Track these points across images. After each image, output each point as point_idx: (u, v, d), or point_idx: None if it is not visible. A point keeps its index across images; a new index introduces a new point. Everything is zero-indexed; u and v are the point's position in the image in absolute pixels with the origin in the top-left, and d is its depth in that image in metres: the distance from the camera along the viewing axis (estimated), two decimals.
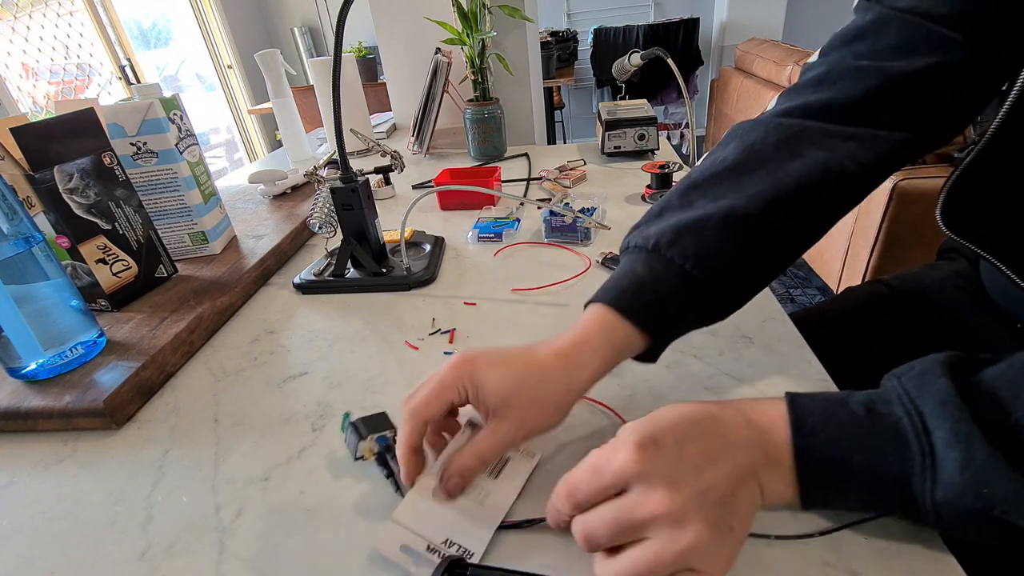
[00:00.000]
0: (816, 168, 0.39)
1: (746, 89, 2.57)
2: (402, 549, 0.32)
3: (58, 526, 0.38)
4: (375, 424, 0.38)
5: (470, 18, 0.99)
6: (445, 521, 0.33)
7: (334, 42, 0.53)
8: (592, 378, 0.36)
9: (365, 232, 0.65)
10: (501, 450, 0.35)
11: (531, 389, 0.35)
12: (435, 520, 0.33)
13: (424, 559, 0.31)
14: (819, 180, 0.39)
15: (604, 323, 0.37)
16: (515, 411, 0.34)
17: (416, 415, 0.35)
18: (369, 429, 0.38)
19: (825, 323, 0.62)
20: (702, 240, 0.38)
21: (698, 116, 3.91)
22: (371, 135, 1.30)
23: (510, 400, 0.34)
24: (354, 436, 0.38)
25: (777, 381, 0.44)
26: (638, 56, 1.27)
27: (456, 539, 0.32)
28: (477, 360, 0.35)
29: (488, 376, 0.35)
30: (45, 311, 0.49)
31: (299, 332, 0.58)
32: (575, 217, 0.69)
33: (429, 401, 0.35)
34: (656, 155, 1.04)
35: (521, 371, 0.35)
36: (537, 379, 0.35)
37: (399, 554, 0.32)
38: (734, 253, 0.38)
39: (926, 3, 0.38)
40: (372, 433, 0.38)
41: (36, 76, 2.63)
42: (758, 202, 0.38)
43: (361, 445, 0.37)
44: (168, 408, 0.49)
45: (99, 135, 0.58)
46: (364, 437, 0.37)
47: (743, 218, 0.38)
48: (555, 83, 3.25)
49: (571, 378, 0.36)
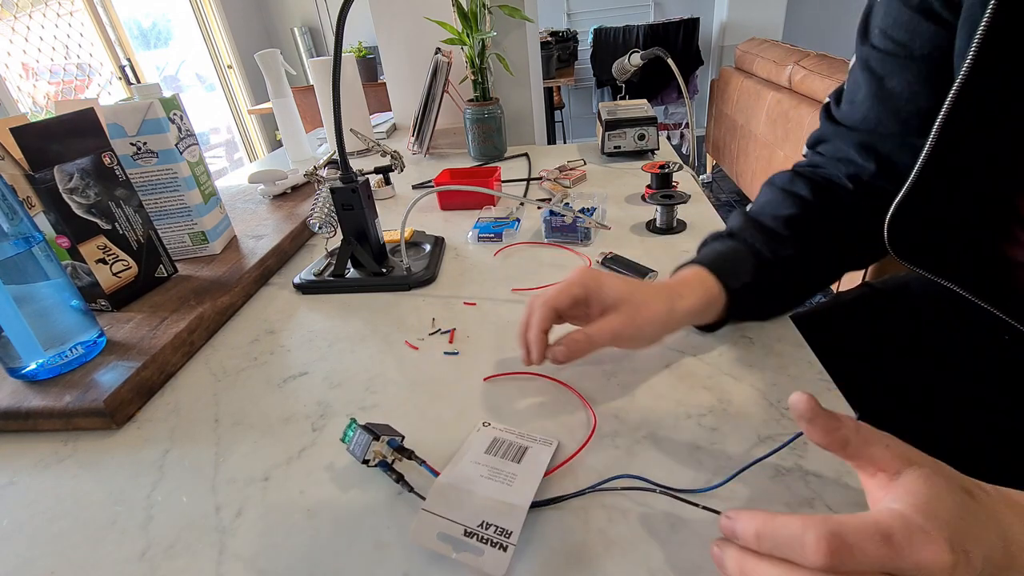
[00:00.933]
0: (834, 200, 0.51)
1: (746, 89, 2.57)
2: (439, 537, 0.32)
3: (58, 526, 0.38)
4: (384, 430, 0.38)
5: (470, 18, 0.99)
6: (477, 506, 0.33)
7: (334, 42, 0.53)
8: (690, 310, 0.44)
9: (365, 232, 0.65)
10: (609, 337, 0.41)
11: (642, 296, 0.43)
12: (467, 506, 0.33)
13: (464, 544, 0.31)
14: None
15: (698, 274, 0.47)
16: (627, 309, 0.42)
17: (547, 303, 0.43)
18: (380, 432, 0.38)
19: (819, 325, 0.63)
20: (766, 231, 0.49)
21: (698, 116, 3.91)
22: (371, 135, 1.30)
23: (624, 299, 0.42)
24: (366, 436, 0.37)
25: (777, 381, 0.44)
26: (638, 56, 1.27)
27: (492, 520, 0.32)
28: (598, 271, 0.45)
29: (609, 280, 0.44)
30: (45, 311, 0.49)
31: (299, 332, 0.58)
32: (575, 217, 0.69)
33: (559, 292, 0.43)
34: (656, 155, 1.04)
35: (635, 284, 0.44)
36: (647, 293, 0.44)
37: (437, 543, 0.31)
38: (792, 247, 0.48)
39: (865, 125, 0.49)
40: (385, 436, 0.37)
41: (36, 76, 2.63)
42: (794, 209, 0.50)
43: (374, 446, 0.37)
44: (168, 408, 0.49)
45: (99, 135, 0.58)
46: (378, 438, 0.37)
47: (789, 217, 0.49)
48: (555, 83, 3.26)
49: (673, 302, 0.44)
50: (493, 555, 0.30)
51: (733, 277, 0.46)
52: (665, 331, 0.45)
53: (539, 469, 0.36)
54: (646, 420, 0.41)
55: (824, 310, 0.65)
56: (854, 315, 0.63)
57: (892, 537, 0.23)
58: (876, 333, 0.60)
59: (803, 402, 0.27)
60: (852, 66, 0.51)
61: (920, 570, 0.23)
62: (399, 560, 0.33)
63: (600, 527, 0.33)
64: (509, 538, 0.31)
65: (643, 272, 0.61)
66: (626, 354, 0.49)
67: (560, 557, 0.32)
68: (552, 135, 3.47)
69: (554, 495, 0.35)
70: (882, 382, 0.56)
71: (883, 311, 0.61)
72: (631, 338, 0.43)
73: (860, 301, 0.64)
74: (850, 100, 0.50)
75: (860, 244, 0.51)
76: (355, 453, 0.38)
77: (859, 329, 0.61)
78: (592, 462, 0.38)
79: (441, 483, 0.35)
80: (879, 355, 0.58)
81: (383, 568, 0.32)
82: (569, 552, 0.32)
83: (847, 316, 0.63)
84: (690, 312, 0.45)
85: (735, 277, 0.46)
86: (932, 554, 0.23)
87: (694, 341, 0.50)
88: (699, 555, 0.31)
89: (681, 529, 0.33)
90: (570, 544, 0.33)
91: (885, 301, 0.62)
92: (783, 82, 2.25)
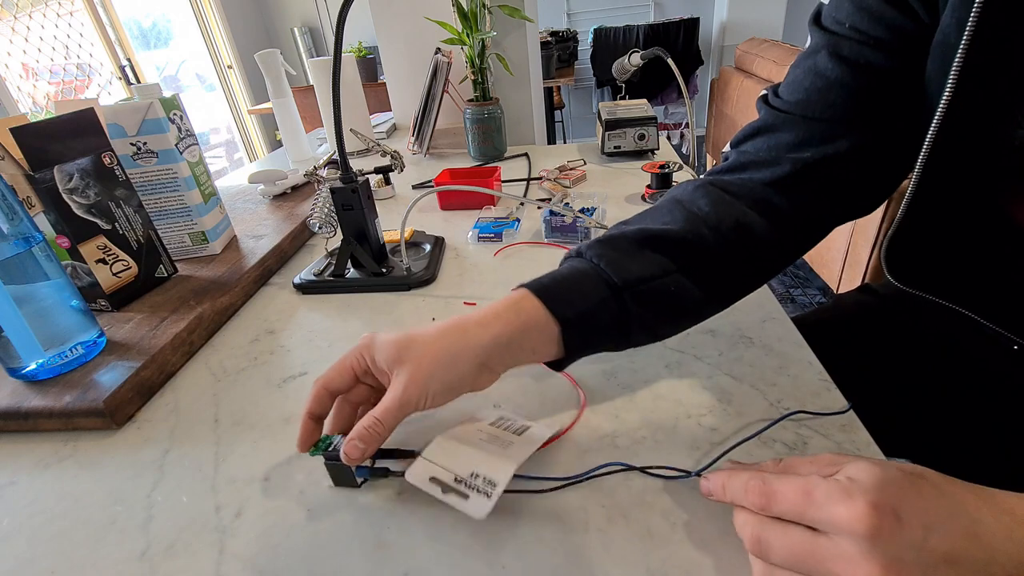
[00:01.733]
0: (729, 217, 0.43)
1: (746, 89, 2.57)
2: (431, 480, 0.34)
3: (58, 526, 0.38)
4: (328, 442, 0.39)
5: (470, 18, 0.99)
6: (470, 460, 0.35)
7: (334, 42, 0.53)
8: (493, 338, 0.37)
9: (365, 232, 0.65)
10: (399, 409, 0.35)
11: (421, 345, 0.36)
12: (462, 458, 0.35)
13: (452, 488, 0.33)
14: (731, 227, 0.42)
15: (514, 298, 0.39)
16: (407, 366, 0.36)
17: (317, 382, 0.38)
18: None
19: (819, 326, 0.63)
20: (617, 246, 0.41)
21: (698, 116, 3.91)
22: (371, 135, 1.30)
23: (401, 357, 0.36)
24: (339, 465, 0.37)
25: (777, 381, 0.44)
26: (638, 56, 1.27)
27: (480, 472, 0.34)
28: (375, 335, 0.38)
29: (381, 339, 0.38)
30: (45, 311, 0.49)
31: (299, 332, 0.58)
32: (575, 217, 0.69)
33: (331, 368, 0.38)
34: (656, 155, 1.04)
35: (411, 335, 0.37)
36: (427, 338, 0.37)
37: (428, 484, 0.34)
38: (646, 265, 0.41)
39: (813, 106, 0.42)
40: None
41: (36, 76, 2.63)
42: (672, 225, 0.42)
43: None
44: (168, 408, 0.49)
45: (99, 135, 0.58)
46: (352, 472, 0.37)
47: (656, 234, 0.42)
48: (555, 83, 3.25)
49: (468, 335, 0.37)
50: (477, 500, 0.32)
51: (564, 304, 0.38)
52: (470, 371, 0.37)
53: (536, 442, 0.38)
54: (646, 420, 0.41)
55: (824, 311, 0.65)
56: (854, 316, 0.63)
57: (811, 492, 0.26)
58: (876, 334, 0.60)
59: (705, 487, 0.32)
60: (800, 58, 0.45)
61: (835, 524, 0.25)
62: (399, 560, 0.33)
63: (589, 518, 0.34)
64: (495, 488, 0.32)
65: None
66: (626, 354, 0.49)
67: (547, 546, 0.32)
68: (552, 135, 3.47)
69: (545, 487, 0.36)
70: (882, 383, 0.56)
71: (883, 312, 0.61)
72: (425, 396, 0.35)
73: (860, 303, 0.64)
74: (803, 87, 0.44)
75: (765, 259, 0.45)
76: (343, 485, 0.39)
77: (859, 330, 0.61)
78: (593, 460, 0.38)
79: (442, 438, 0.37)
80: (879, 356, 0.58)
81: (383, 568, 0.32)
82: (560, 542, 0.32)
83: (847, 317, 0.63)
84: (497, 342, 0.37)
85: (567, 305, 0.38)
86: (847, 510, 0.24)
87: (694, 341, 0.50)
88: (699, 553, 0.31)
89: (680, 526, 0.33)
90: (563, 535, 0.33)
91: (885, 303, 0.62)
92: None
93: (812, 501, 0.26)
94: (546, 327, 0.38)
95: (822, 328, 0.61)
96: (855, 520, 0.24)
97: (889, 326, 0.60)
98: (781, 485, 0.27)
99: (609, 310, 0.39)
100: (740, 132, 0.48)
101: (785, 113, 0.44)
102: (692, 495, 0.35)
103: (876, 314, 0.62)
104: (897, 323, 0.60)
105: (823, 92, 0.42)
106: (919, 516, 0.24)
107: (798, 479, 0.27)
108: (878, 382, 0.56)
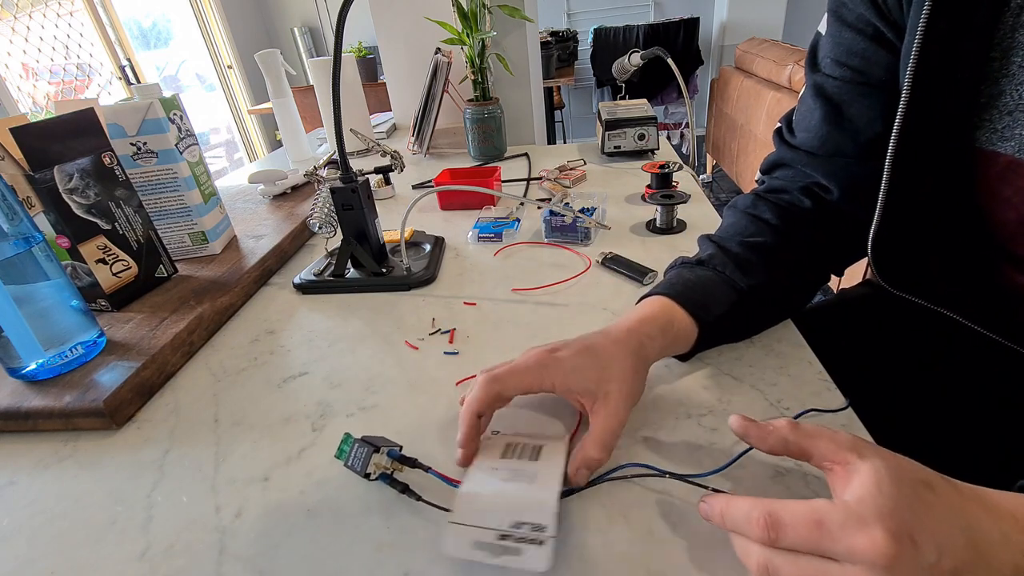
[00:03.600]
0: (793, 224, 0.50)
1: (746, 89, 2.57)
2: (475, 546, 0.31)
3: (58, 526, 0.38)
4: (380, 441, 0.38)
5: (470, 18, 0.99)
6: (505, 508, 0.32)
7: (334, 42, 0.53)
8: (659, 351, 0.42)
9: (365, 232, 0.65)
10: (620, 428, 0.37)
11: (618, 367, 0.39)
12: (495, 510, 0.32)
13: (502, 548, 0.30)
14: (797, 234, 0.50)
15: (664, 307, 0.44)
16: (614, 388, 0.37)
17: (494, 388, 0.38)
18: (379, 444, 0.37)
19: (819, 325, 0.63)
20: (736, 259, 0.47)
21: (698, 116, 3.91)
22: (371, 135, 1.30)
23: (603, 378, 0.38)
24: (365, 449, 0.37)
25: (777, 381, 0.44)
26: (638, 56, 1.27)
27: (523, 519, 0.31)
28: (552, 355, 0.39)
29: (569, 365, 0.38)
30: (45, 311, 0.49)
31: (299, 332, 0.58)
32: (575, 217, 0.69)
33: (511, 380, 0.38)
34: (656, 155, 1.04)
35: (594, 349, 0.39)
36: (618, 352, 0.39)
37: (475, 552, 0.31)
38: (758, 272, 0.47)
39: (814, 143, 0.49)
40: (384, 447, 0.37)
41: (36, 76, 2.63)
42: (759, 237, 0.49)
43: (374, 458, 0.36)
44: (168, 408, 0.49)
45: (99, 135, 0.58)
46: (379, 449, 0.36)
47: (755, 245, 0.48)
48: (555, 83, 3.26)
49: (645, 349, 0.41)
50: (532, 552, 0.30)
51: (704, 310, 0.45)
52: (645, 377, 0.42)
53: (560, 460, 0.36)
54: (646, 420, 0.41)
55: (824, 309, 0.65)
56: (854, 314, 0.63)
57: (823, 522, 0.25)
58: (876, 332, 0.60)
59: (734, 423, 0.32)
60: (803, 94, 0.50)
61: (853, 555, 0.24)
62: (399, 560, 0.33)
63: (590, 519, 0.34)
64: (544, 532, 0.30)
65: (643, 272, 0.61)
66: None
67: (571, 549, 0.32)
68: (552, 135, 3.47)
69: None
70: (882, 382, 0.56)
71: (883, 310, 0.61)
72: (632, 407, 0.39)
73: (860, 300, 0.64)
74: (804, 127, 0.50)
75: (828, 266, 0.51)
76: (354, 467, 0.37)
77: (859, 328, 0.61)
78: None
79: (464, 492, 0.34)
80: (879, 354, 0.58)
81: (383, 568, 0.32)
82: (559, 542, 0.32)
83: (847, 315, 0.63)
84: (661, 351, 0.43)
85: (706, 310, 0.45)
86: (866, 540, 0.24)
87: None
88: (700, 554, 0.31)
89: (683, 526, 0.33)
90: (563, 535, 0.33)
91: (885, 300, 0.62)
92: (783, 82, 2.25)
93: (826, 532, 0.25)
94: (690, 332, 0.44)
95: (825, 319, 0.61)
96: (875, 551, 0.23)
97: (890, 321, 0.60)
98: (787, 516, 0.26)
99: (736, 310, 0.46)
100: (765, 162, 0.54)
101: (794, 150, 0.50)
102: (692, 495, 0.35)
103: (878, 308, 0.62)
104: (898, 319, 0.60)
105: (818, 129, 0.48)
106: (933, 537, 0.24)
107: (802, 508, 0.26)
108: (878, 379, 0.56)
